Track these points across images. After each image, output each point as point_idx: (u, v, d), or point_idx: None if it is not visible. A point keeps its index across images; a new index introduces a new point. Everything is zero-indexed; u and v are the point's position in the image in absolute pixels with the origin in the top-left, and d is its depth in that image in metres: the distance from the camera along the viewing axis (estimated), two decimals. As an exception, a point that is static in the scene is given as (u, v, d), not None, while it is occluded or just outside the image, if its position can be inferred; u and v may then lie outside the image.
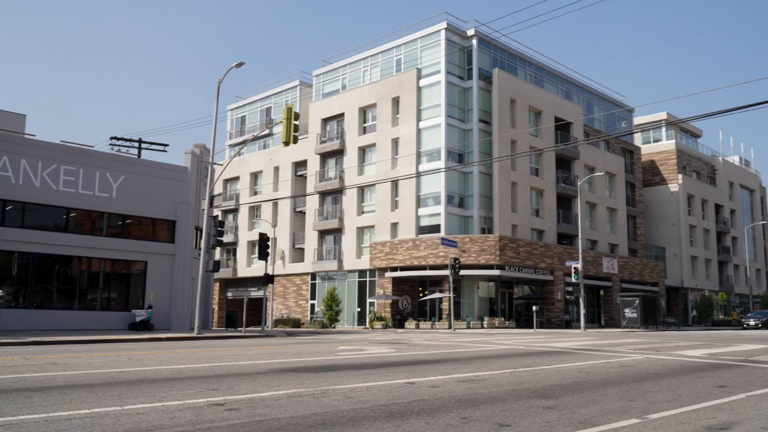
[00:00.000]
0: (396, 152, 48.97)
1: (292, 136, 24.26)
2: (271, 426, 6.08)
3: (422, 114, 47.92)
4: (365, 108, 51.79)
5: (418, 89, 48.23)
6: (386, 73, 51.36)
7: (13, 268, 28.37)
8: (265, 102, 62.32)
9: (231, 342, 22.32)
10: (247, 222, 59.81)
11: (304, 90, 59.04)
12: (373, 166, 50.30)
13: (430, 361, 13.29)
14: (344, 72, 55.16)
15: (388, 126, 49.48)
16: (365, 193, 51.08)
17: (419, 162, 47.31)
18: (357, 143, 51.33)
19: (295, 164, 56.25)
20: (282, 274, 54.27)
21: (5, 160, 27.65)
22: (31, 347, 18.07)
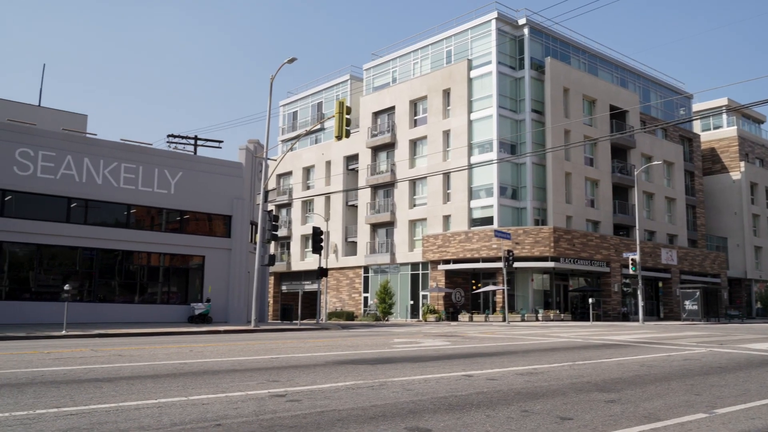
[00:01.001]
0: (447, 144, 48.73)
1: (344, 130, 24.39)
2: (332, 417, 6.16)
3: (473, 105, 47.54)
4: (416, 100, 51.67)
5: (468, 80, 47.85)
6: (436, 65, 51.11)
7: (78, 263, 29.39)
8: (317, 97, 62.81)
9: (287, 334, 22.64)
10: (300, 216, 60.48)
11: (354, 84, 59.26)
12: (424, 159, 50.19)
13: (487, 354, 13.22)
14: (394, 65, 55.13)
15: (439, 118, 49.26)
16: (417, 186, 51.03)
17: (471, 154, 46.98)
18: (408, 136, 51.28)
19: (347, 158, 56.57)
20: (335, 268, 54.72)
21: (69, 159, 28.61)
22: (97, 339, 18.72)
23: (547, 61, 47.97)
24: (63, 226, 28.41)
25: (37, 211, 27.85)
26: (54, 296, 27.65)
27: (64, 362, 11.13)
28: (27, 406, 6.58)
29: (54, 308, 26.71)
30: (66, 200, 28.64)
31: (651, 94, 59.65)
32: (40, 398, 7.12)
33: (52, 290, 28.14)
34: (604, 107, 51.48)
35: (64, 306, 22.16)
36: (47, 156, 28.05)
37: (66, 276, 28.44)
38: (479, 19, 48.38)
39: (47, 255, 28.71)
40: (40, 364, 10.85)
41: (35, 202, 27.81)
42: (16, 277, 28.08)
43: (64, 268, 29.09)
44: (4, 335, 18.79)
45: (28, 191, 27.55)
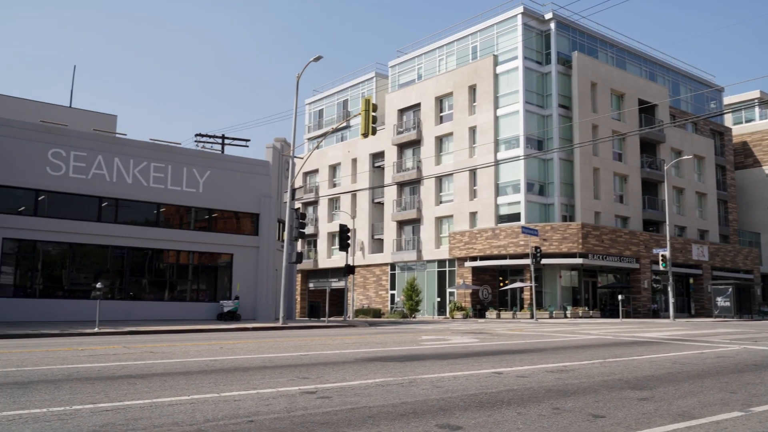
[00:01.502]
0: (473, 141, 48.52)
1: (370, 127, 24.43)
2: (363, 414, 6.17)
3: (500, 101, 47.26)
4: (441, 97, 51.52)
5: (494, 76, 47.57)
6: (462, 62, 50.89)
7: (109, 261, 29.85)
8: (342, 95, 62.94)
9: (315, 332, 22.75)
10: (327, 214, 60.70)
11: (380, 81, 59.27)
12: (450, 156, 50.04)
13: (516, 351, 13.16)
14: (419, 62, 55.03)
15: (464, 114, 49.06)
16: (443, 183, 50.90)
17: (497, 150, 46.72)
18: (434, 133, 51.16)
19: (373, 155, 56.61)
20: (362, 265, 54.84)
21: (100, 159, 29.06)
22: (128, 336, 18.99)
23: (574, 56, 47.51)
24: (94, 225, 28.88)
25: (69, 210, 28.35)
26: (86, 294, 28.13)
27: (98, 359, 11.31)
28: (63, 402, 6.70)
29: (86, 306, 27.17)
30: (97, 199, 29.10)
31: (681, 87, 58.76)
32: (76, 394, 7.25)
33: (83, 288, 28.63)
34: (633, 101, 50.84)
35: (96, 304, 22.51)
36: (79, 156, 28.53)
37: (97, 274, 28.90)
38: (505, 14, 48.07)
39: (79, 254, 29.21)
40: (75, 360, 11.05)
41: (67, 201, 28.30)
42: (49, 276, 28.63)
43: (96, 267, 29.57)
44: (39, 332, 19.17)
45: (60, 191, 28.06)
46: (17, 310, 26.45)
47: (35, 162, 27.41)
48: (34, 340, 16.94)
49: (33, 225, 27.36)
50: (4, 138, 26.78)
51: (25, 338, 17.88)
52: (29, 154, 27.27)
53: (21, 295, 27.30)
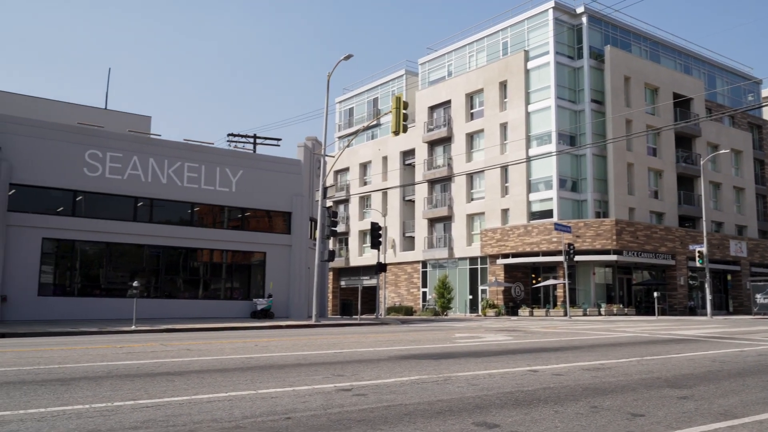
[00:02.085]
0: (505, 137, 48.20)
1: (401, 125, 24.42)
2: (399, 412, 6.18)
3: (531, 97, 46.86)
4: (472, 94, 51.27)
5: (526, 72, 47.19)
6: (492, 58, 50.57)
7: (144, 260, 30.33)
8: (372, 93, 63.00)
9: (348, 329, 22.84)
10: (358, 212, 60.84)
11: (410, 79, 59.17)
12: (481, 153, 49.78)
13: (551, 349, 13.05)
14: (450, 59, 54.82)
15: (495, 111, 48.76)
16: (474, 180, 50.66)
17: (529, 146, 46.35)
18: (464, 130, 50.94)
19: (403, 153, 56.58)
20: (393, 263, 54.86)
21: (135, 159, 29.53)
22: (165, 334, 19.28)
23: (606, 50, 46.88)
24: (130, 224, 29.36)
25: (105, 210, 28.87)
26: (122, 293, 28.65)
27: (136, 356, 11.51)
28: (105, 399, 6.83)
29: (122, 304, 27.66)
30: (133, 199, 29.57)
31: (717, 80, 57.58)
32: (117, 391, 7.38)
33: (120, 287, 29.14)
34: (668, 95, 49.99)
35: (133, 302, 22.93)
36: (114, 157, 29.02)
37: (133, 273, 29.38)
38: (536, 9, 47.64)
39: (115, 253, 29.72)
40: (114, 358, 11.25)
41: (104, 201, 28.82)
42: (87, 275, 29.20)
43: (132, 266, 30.07)
44: (79, 330, 19.57)
45: (97, 191, 28.58)
46: (57, 308, 27.03)
47: (73, 163, 27.95)
48: (74, 338, 17.31)
49: (71, 225, 27.91)
50: (43, 140, 27.36)
51: (65, 336, 18.27)
52: (67, 155, 27.82)
53: (60, 293, 27.89)
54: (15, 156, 26.50)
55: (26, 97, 35.07)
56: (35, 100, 35.08)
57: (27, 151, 26.86)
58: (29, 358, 11.15)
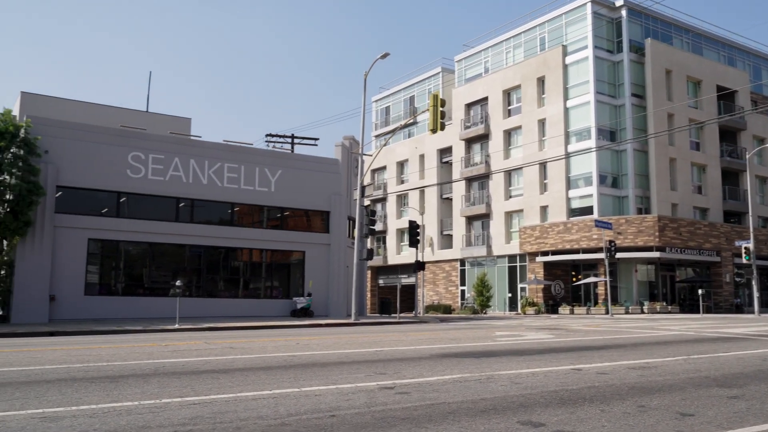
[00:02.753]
0: (543, 133, 47.69)
1: (439, 123, 24.36)
2: (442, 410, 6.17)
3: (569, 92, 46.27)
4: (509, 90, 50.84)
5: (564, 67, 46.60)
6: (530, 53, 50.07)
7: (186, 260, 30.82)
8: (408, 91, 62.91)
9: (387, 328, 22.87)
10: (395, 210, 60.88)
11: (446, 76, 58.94)
12: (519, 149, 49.35)
13: (594, 348, 12.88)
14: (486, 55, 54.45)
15: (533, 107, 48.28)
16: (512, 177, 50.25)
17: (568, 142, 45.78)
18: (502, 126, 50.56)
19: (440, 151, 56.42)
20: (431, 261, 54.75)
21: (177, 161, 30.02)
22: (207, 333, 19.58)
23: (647, 43, 46.02)
24: (172, 225, 29.86)
25: (148, 211, 29.42)
26: (164, 292, 29.18)
27: (181, 354, 11.71)
28: (153, 396, 6.97)
29: (164, 303, 28.16)
30: (174, 200, 30.07)
31: (763, 71, 56.03)
32: (164, 388, 7.52)
33: (162, 286, 29.66)
34: (711, 88, 48.85)
35: (176, 301, 23.34)
36: (157, 159, 29.54)
37: (175, 273, 29.87)
38: (574, 3, 47.00)
39: (158, 253, 30.26)
40: (160, 355, 11.46)
41: (147, 202, 29.37)
42: (130, 274, 29.81)
43: (173, 265, 30.58)
44: (124, 329, 20.00)
45: (140, 193, 29.14)
46: (102, 307, 27.65)
47: (117, 165, 28.54)
48: (120, 336, 17.69)
49: (115, 226, 28.51)
50: (87, 143, 27.99)
51: (112, 334, 18.68)
52: (111, 157, 28.41)
53: (105, 293, 28.52)
54: (61, 159, 27.17)
55: (71, 101, 35.94)
56: (80, 104, 35.94)
57: (73, 154, 27.51)
58: (79, 356, 11.44)
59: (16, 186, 24.89)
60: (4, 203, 25.21)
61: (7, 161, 25.13)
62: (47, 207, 26.43)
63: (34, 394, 7.16)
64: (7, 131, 25.16)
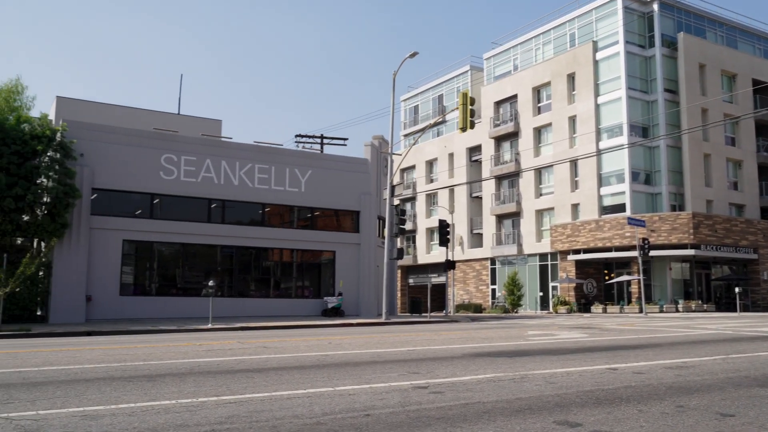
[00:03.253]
0: (573, 130, 47.22)
1: (468, 121, 24.27)
2: (477, 410, 6.14)
3: (600, 88, 45.74)
4: (539, 87, 50.44)
5: (594, 63, 46.08)
6: (559, 50, 49.61)
7: (217, 260, 31.15)
8: (437, 90, 62.76)
9: (418, 327, 22.85)
10: (425, 209, 60.81)
11: (475, 74, 58.68)
12: (549, 147, 48.92)
13: (629, 347, 12.71)
14: (515, 52, 54.07)
15: (563, 104, 47.83)
16: (543, 175, 49.85)
17: (599, 139, 45.26)
18: (532, 124, 50.18)
19: (470, 150, 56.20)
20: (461, 260, 54.57)
21: (208, 162, 30.35)
22: (240, 332, 19.76)
23: (679, 37, 45.29)
24: (204, 225, 30.20)
25: (181, 212, 29.80)
26: (197, 292, 29.53)
27: (216, 354, 11.83)
28: (190, 394, 7.05)
29: (197, 303, 28.52)
30: (206, 201, 30.42)
31: (800, 64, 54.69)
32: (200, 387, 7.61)
33: (195, 286, 30.01)
34: (746, 82, 47.89)
35: (209, 301, 23.60)
36: (189, 160, 29.91)
37: (207, 273, 30.21)
38: (604, -2, 46.44)
39: (190, 253, 30.64)
40: (195, 355, 11.60)
41: (179, 204, 29.75)
42: (164, 275, 30.23)
43: (206, 266, 30.93)
44: (158, 329, 20.28)
45: (173, 194, 29.52)
46: (137, 307, 28.09)
47: (150, 167, 28.96)
48: (155, 336, 17.94)
49: (149, 227, 28.93)
50: (122, 146, 28.45)
51: (147, 334, 18.96)
52: (145, 160, 28.84)
53: (140, 293, 28.97)
54: (96, 161, 27.66)
55: (105, 105, 36.60)
56: (113, 107, 36.57)
57: (107, 157, 27.98)
58: (116, 356, 11.63)
59: (53, 189, 25.42)
60: (42, 206, 25.76)
61: (44, 165, 25.67)
62: (83, 209, 26.93)
63: (75, 392, 7.30)
64: (44, 135, 25.72)
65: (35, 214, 25.64)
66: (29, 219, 25.54)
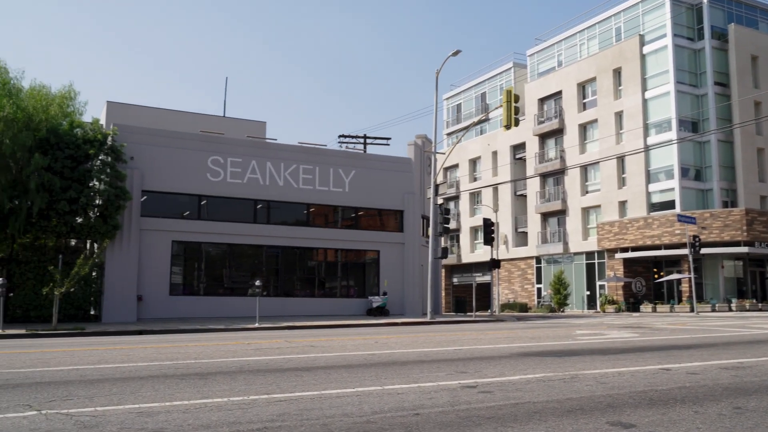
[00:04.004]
0: (620, 126, 46.36)
1: (513, 119, 24.05)
2: (527, 410, 6.08)
3: (648, 83, 44.79)
4: (584, 83, 49.67)
5: (641, 57, 45.13)
6: (605, 44, 48.74)
7: (263, 260, 31.53)
8: (480, 88, 62.33)
9: (463, 326, 22.75)
10: (468, 208, 60.48)
11: (518, 71, 58.09)
12: (595, 143, 48.13)
13: (682, 347, 12.43)
14: (559, 48, 53.34)
15: (609, 99, 46.99)
16: (588, 172, 49.07)
17: (647, 135, 44.32)
18: (577, 120, 49.44)
19: (513, 147, 55.67)
20: (506, 259, 54.10)
21: (254, 164, 30.75)
22: (287, 331, 19.98)
23: (730, 29, 44.05)
24: (250, 226, 30.60)
25: (227, 213, 30.26)
26: (243, 292, 29.91)
27: (264, 352, 11.99)
28: (241, 392, 7.16)
29: (243, 303, 28.92)
30: (252, 202, 30.82)
31: None
32: (251, 385, 7.72)
33: (241, 286, 30.43)
34: (802, 73, 46.29)
35: (255, 301, 23.94)
36: (235, 162, 30.35)
37: (253, 273, 30.61)
38: (651, -10, 45.47)
39: (237, 253, 31.08)
40: (244, 354, 11.78)
41: (226, 205, 30.22)
42: (211, 275, 30.73)
43: (252, 266, 31.33)
44: (207, 328, 20.65)
45: (219, 195, 30.00)
46: (185, 307, 28.62)
47: (197, 169, 29.48)
48: (204, 335, 18.27)
49: (197, 228, 29.45)
50: (170, 149, 29.03)
51: (196, 333, 19.33)
52: (192, 162, 29.37)
53: (188, 293, 29.52)
54: (145, 164, 28.28)
55: (153, 108, 37.38)
56: (161, 111, 37.33)
57: (156, 160, 28.59)
58: (168, 354, 11.88)
59: (105, 191, 26.13)
60: (94, 208, 26.49)
61: (96, 168, 26.39)
62: (133, 211, 27.57)
63: (130, 390, 7.48)
64: (96, 139, 26.44)
65: (88, 216, 26.38)
66: (82, 221, 26.29)
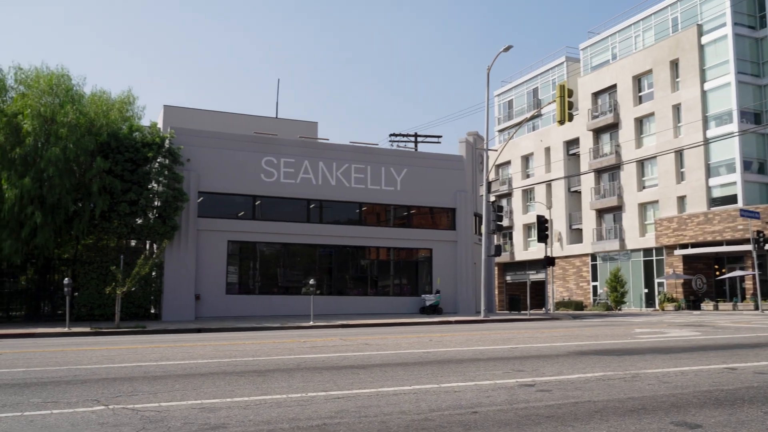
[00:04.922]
0: (678, 119, 45.10)
1: (566, 114, 23.67)
2: (588, 409, 5.99)
3: (707, 74, 43.44)
4: (639, 76, 48.49)
5: (699, 47, 43.80)
6: (661, 36, 47.48)
7: (316, 259, 31.83)
8: (531, 83, 61.53)
9: (518, 324, 22.51)
10: (521, 205, 59.79)
11: (571, 66, 57.11)
12: (652, 137, 46.95)
13: (747, 345, 12.03)
14: (613, 41, 52.21)
15: (666, 92, 45.76)
16: (645, 167, 47.90)
17: (706, 127, 42.99)
18: (632, 114, 48.31)
19: (567, 143, 54.78)
20: (560, 256, 53.29)
21: (306, 164, 31.07)
22: (341, 329, 20.13)
23: (794, 16, 42.37)
24: (303, 225, 30.94)
25: (281, 213, 30.68)
26: (296, 290, 30.26)
27: (319, 350, 12.11)
28: (299, 389, 7.26)
29: (297, 301, 29.27)
30: (305, 202, 31.15)
31: None
32: (308, 382, 7.81)
33: (295, 285, 30.79)
34: None
35: (308, 299, 24.19)
36: (288, 162, 30.73)
37: (306, 272, 30.92)
38: (709, -21, 44.10)
39: (290, 253, 31.46)
40: (300, 351, 11.92)
41: (279, 205, 30.64)
42: (265, 274, 31.20)
43: (305, 265, 31.67)
44: (263, 326, 20.98)
45: (273, 196, 30.42)
46: (241, 305, 29.14)
47: (252, 170, 29.96)
48: (260, 333, 18.57)
49: (252, 228, 29.94)
50: (225, 150, 29.59)
51: (252, 331, 19.66)
52: (246, 163, 29.87)
53: (244, 292, 30.04)
54: (201, 166, 28.89)
55: (208, 111, 38.15)
56: (216, 113, 38.08)
57: (212, 161, 29.18)
58: (226, 351, 12.12)
59: (163, 193, 26.84)
60: (153, 209, 27.23)
61: (155, 170, 27.12)
62: (191, 212, 28.21)
63: (191, 386, 7.67)
64: (154, 142, 27.17)
65: (147, 217, 27.14)
66: (142, 222, 27.06)
